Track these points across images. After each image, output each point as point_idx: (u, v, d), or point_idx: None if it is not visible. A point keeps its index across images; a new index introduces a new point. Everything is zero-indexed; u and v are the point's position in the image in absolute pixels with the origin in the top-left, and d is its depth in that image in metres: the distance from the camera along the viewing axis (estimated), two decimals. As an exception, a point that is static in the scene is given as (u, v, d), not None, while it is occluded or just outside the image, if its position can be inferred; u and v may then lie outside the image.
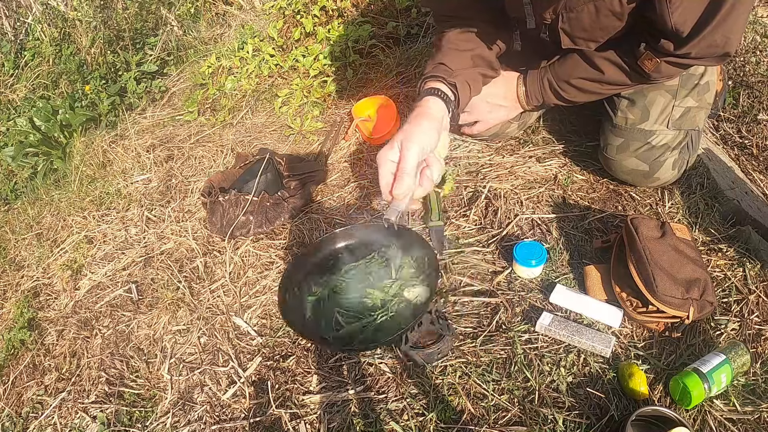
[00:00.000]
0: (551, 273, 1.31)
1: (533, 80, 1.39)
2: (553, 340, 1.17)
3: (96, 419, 1.32)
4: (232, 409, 1.24)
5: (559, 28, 1.19)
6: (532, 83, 1.39)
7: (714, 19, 1.01)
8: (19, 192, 2.50)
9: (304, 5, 2.34)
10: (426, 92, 1.18)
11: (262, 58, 2.34)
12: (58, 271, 1.77)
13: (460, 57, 1.28)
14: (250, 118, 2.17)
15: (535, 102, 1.42)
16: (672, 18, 1.03)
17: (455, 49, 1.29)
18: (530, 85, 1.40)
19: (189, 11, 3.35)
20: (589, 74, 1.28)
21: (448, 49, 1.29)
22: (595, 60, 1.25)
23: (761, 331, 1.13)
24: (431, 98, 1.15)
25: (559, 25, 1.18)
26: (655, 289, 1.09)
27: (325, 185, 1.74)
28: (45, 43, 3.22)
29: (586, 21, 1.15)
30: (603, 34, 1.18)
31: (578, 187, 1.51)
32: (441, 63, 1.25)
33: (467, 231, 1.45)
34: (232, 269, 1.54)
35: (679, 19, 1.03)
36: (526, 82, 1.40)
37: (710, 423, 1.01)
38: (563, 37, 1.21)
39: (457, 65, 1.25)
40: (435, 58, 1.29)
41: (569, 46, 1.23)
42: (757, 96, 1.77)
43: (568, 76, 1.32)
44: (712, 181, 1.46)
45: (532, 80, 1.39)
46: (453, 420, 1.08)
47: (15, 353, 1.58)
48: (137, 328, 1.50)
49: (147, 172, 2.05)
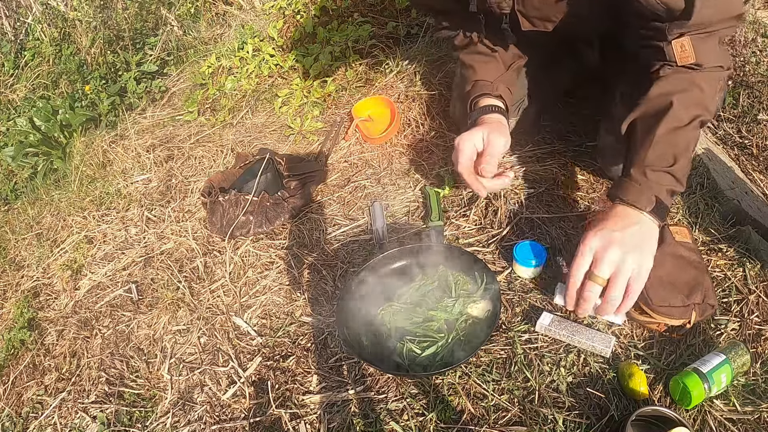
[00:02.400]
0: (551, 273, 1.31)
1: (627, 190, 1.05)
2: (553, 340, 1.17)
3: (96, 419, 1.32)
4: (232, 409, 1.24)
5: (516, 10, 1.21)
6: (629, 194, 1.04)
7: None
8: (19, 192, 2.50)
9: (304, 5, 2.35)
10: (481, 111, 1.32)
11: (262, 58, 2.34)
12: (58, 271, 1.77)
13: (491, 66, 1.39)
14: (250, 118, 2.17)
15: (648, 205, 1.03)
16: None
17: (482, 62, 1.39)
18: (630, 196, 1.04)
19: (189, 11, 3.35)
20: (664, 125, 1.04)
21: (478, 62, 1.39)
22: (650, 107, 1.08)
23: (761, 331, 1.13)
24: (491, 114, 1.31)
25: (516, 7, 1.21)
26: (650, 302, 1.09)
27: (325, 185, 1.74)
28: (45, 43, 3.22)
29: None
30: (555, 12, 1.19)
31: (578, 187, 1.51)
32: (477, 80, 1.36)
33: (467, 231, 1.45)
34: (232, 269, 1.54)
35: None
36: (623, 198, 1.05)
37: (710, 423, 1.01)
38: (522, 19, 1.23)
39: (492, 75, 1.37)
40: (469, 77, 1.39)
41: (529, 29, 1.25)
42: (757, 96, 1.77)
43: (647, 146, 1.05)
44: (712, 181, 1.46)
45: (626, 191, 1.05)
46: (453, 420, 1.08)
47: (15, 353, 1.58)
48: (137, 328, 1.50)
49: (147, 172, 2.05)
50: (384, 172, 1.71)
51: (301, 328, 1.35)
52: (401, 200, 1.60)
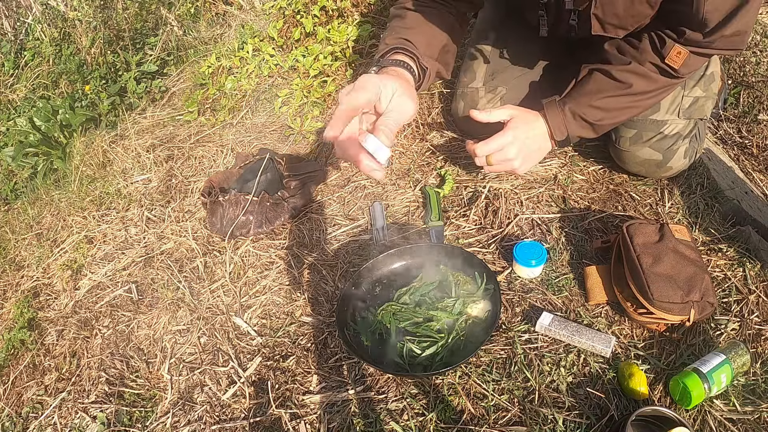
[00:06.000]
0: (551, 273, 1.31)
1: (553, 113, 1.27)
2: (553, 340, 1.17)
3: (96, 419, 1.32)
4: (232, 409, 1.24)
5: (592, 13, 1.17)
6: (552, 117, 1.27)
7: (742, 9, 1.03)
8: (19, 192, 2.50)
9: (304, 5, 2.34)
10: (394, 63, 1.08)
11: (262, 58, 2.34)
12: (58, 271, 1.77)
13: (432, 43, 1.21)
14: (250, 118, 2.17)
15: (560, 136, 1.28)
16: (705, 6, 1.04)
17: (426, 33, 1.20)
18: (552, 119, 1.27)
19: (189, 11, 3.35)
20: (616, 90, 1.22)
21: (418, 29, 1.20)
22: (617, 75, 1.21)
23: (761, 331, 1.13)
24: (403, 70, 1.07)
25: (592, 10, 1.17)
26: (651, 297, 1.09)
27: (325, 185, 1.74)
28: (45, 43, 3.22)
29: (620, 7, 1.14)
30: (633, 22, 1.18)
31: (578, 187, 1.51)
32: (406, 39, 1.15)
33: (467, 231, 1.45)
34: (232, 269, 1.54)
35: (710, 7, 1.04)
36: (546, 116, 1.28)
37: (710, 423, 1.01)
38: (594, 23, 1.19)
39: (425, 50, 1.17)
40: (397, 31, 1.18)
41: (599, 33, 1.21)
42: (757, 96, 1.77)
43: (591, 99, 1.24)
44: (712, 181, 1.46)
45: (552, 113, 1.27)
46: (453, 420, 1.08)
47: (15, 353, 1.58)
48: (137, 328, 1.50)
49: (147, 172, 2.05)
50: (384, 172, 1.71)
51: (301, 328, 1.35)
52: (401, 200, 1.60)
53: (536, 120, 1.28)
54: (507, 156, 1.25)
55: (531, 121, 1.28)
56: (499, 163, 1.26)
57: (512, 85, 1.54)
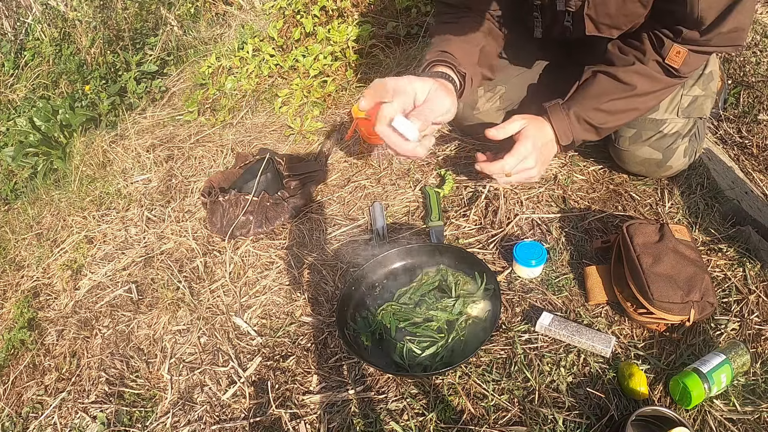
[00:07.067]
0: (551, 273, 1.31)
1: (558, 118, 1.26)
2: (553, 340, 1.17)
3: (96, 419, 1.32)
4: (232, 409, 1.24)
5: (585, 14, 1.18)
6: (558, 122, 1.26)
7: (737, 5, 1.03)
8: (19, 192, 2.50)
9: (304, 5, 2.34)
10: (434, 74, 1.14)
11: (262, 58, 2.34)
12: (58, 271, 1.77)
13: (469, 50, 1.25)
14: (250, 118, 2.17)
15: (565, 141, 1.27)
16: (699, 5, 1.04)
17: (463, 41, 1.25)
18: (557, 124, 1.26)
19: (189, 11, 3.35)
20: (620, 92, 1.22)
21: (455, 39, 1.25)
22: (621, 76, 1.20)
23: (761, 331, 1.13)
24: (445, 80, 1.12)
25: (585, 11, 1.17)
26: (651, 297, 1.09)
27: (325, 185, 1.74)
28: (45, 43, 3.22)
29: (612, 7, 1.15)
30: (626, 21, 1.18)
31: (578, 187, 1.51)
32: (445, 51, 1.20)
33: (467, 231, 1.45)
34: (232, 269, 1.54)
35: (704, 5, 1.04)
36: (551, 121, 1.27)
37: (710, 423, 1.01)
38: (588, 23, 1.20)
39: (463, 58, 1.22)
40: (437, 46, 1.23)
41: (593, 33, 1.21)
42: (757, 96, 1.77)
43: (596, 102, 1.24)
44: (712, 181, 1.46)
45: (557, 118, 1.26)
46: (453, 420, 1.08)
47: (15, 353, 1.58)
48: (137, 328, 1.50)
49: (147, 172, 2.05)
50: (384, 172, 1.71)
51: (301, 328, 1.35)
52: (401, 200, 1.60)
53: (545, 126, 1.27)
54: (526, 166, 1.24)
55: (541, 128, 1.26)
56: (518, 173, 1.24)
57: (511, 84, 1.54)
